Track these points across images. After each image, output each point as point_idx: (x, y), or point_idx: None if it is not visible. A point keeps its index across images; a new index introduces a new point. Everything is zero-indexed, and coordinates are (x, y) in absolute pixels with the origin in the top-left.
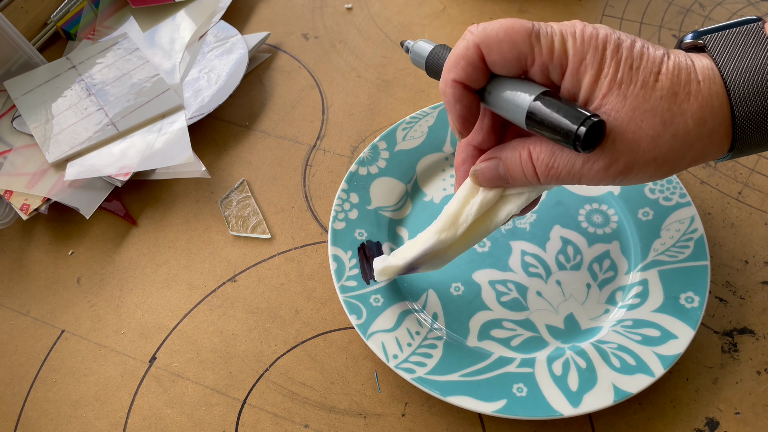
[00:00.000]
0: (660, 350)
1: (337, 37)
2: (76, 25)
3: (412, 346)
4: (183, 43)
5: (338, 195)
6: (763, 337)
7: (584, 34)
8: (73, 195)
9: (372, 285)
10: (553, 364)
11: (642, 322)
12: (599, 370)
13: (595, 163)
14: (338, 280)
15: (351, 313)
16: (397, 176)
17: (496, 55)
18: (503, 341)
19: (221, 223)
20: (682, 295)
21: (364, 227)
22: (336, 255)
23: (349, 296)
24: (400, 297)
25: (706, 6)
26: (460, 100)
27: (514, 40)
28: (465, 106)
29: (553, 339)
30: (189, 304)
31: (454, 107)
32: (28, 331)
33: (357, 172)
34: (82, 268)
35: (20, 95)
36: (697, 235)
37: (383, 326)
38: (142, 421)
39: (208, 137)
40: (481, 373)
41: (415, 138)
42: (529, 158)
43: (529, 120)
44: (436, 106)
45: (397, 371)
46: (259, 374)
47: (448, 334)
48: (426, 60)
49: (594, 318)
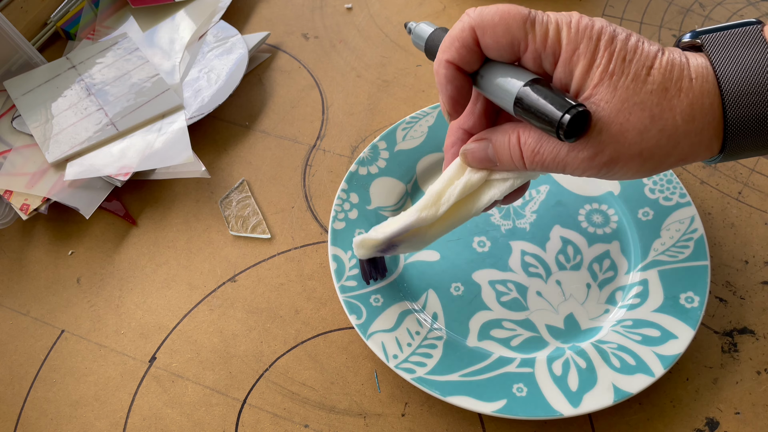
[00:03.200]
0: (660, 350)
1: (337, 37)
2: (75, 25)
3: (412, 346)
4: (183, 42)
5: (338, 195)
6: (763, 337)
7: (579, 25)
8: (73, 195)
9: (372, 285)
10: (553, 364)
11: (642, 322)
12: (599, 370)
13: (580, 152)
14: (338, 280)
15: (351, 313)
16: (397, 176)
17: (489, 38)
18: (503, 341)
19: (221, 223)
20: (682, 295)
21: (364, 227)
22: (336, 255)
23: (349, 296)
24: (400, 297)
25: (706, 6)
26: (452, 81)
27: (509, 25)
28: (456, 87)
29: (553, 339)
30: (189, 304)
31: (445, 87)
32: (28, 331)
33: (357, 172)
34: (81, 268)
35: (20, 95)
36: (697, 235)
37: (383, 326)
38: (142, 421)
39: (208, 137)
40: (481, 373)
41: (415, 138)
42: (517, 142)
43: (516, 106)
44: (436, 106)
45: (397, 371)
46: (259, 374)
47: (448, 334)
48: (425, 42)
49: (594, 318)
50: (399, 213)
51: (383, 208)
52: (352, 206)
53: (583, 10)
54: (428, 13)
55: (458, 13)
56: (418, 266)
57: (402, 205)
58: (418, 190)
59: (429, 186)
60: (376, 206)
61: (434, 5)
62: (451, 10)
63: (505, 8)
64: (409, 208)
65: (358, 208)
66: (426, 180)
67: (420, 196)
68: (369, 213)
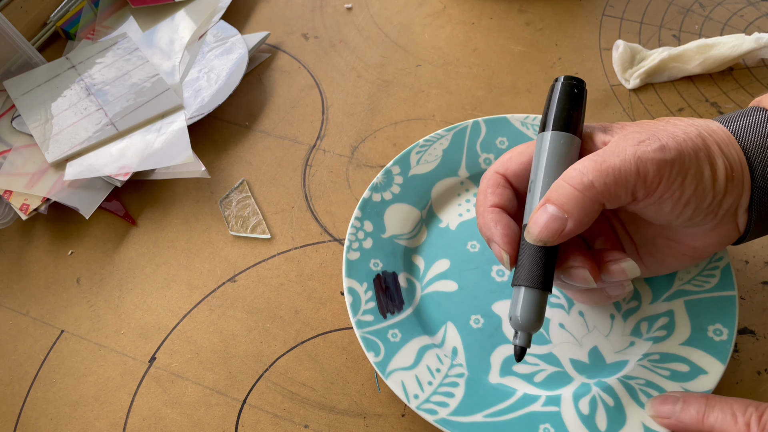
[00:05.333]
0: (690, 386)
1: (337, 37)
2: (75, 25)
3: (432, 385)
4: (183, 42)
5: (351, 223)
6: (763, 337)
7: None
8: (73, 195)
9: (389, 319)
10: (580, 401)
11: (670, 356)
12: (628, 408)
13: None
14: (354, 314)
15: (369, 350)
16: (412, 202)
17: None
18: (526, 377)
19: (221, 223)
20: (710, 327)
21: (379, 257)
22: (351, 288)
23: (366, 332)
24: (418, 331)
25: (707, 6)
26: (501, 221)
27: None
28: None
29: (577, 374)
30: (189, 304)
31: (495, 230)
32: (27, 331)
33: (371, 198)
34: (81, 268)
35: (20, 95)
36: (723, 264)
37: (402, 364)
38: (142, 421)
39: (208, 137)
40: (506, 413)
41: (430, 162)
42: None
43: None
44: (450, 128)
45: (419, 412)
46: (258, 374)
47: (469, 371)
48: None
49: (619, 351)
50: (414, 240)
51: (398, 236)
52: (367, 235)
53: (583, 10)
54: (428, 12)
55: (458, 12)
56: (436, 297)
57: (417, 233)
58: (433, 216)
59: (443, 212)
60: (391, 234)
61: (434, 5)
62: (451, 9)
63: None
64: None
65: (372, 236)
66: (441, 205)
67: (435, 223)
68: (384, 242)
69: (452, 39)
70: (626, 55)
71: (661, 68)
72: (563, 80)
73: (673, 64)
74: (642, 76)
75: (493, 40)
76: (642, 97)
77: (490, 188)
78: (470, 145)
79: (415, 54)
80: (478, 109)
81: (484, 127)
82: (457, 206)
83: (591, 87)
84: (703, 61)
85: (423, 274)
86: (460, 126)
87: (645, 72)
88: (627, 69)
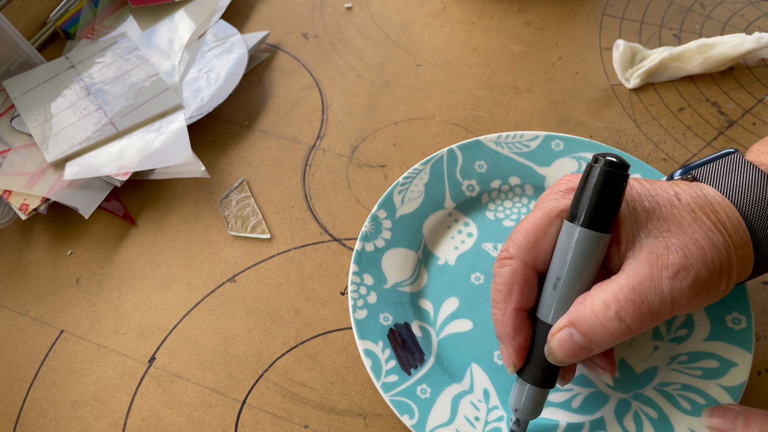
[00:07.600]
0: (724, 382)
1: (336, 37)
2: (75, 25)
3: None
4: (182, 42)
5: (350, 280)
6: (763, 337)
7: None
8: (72, 195)
9: (413, 375)
10: (624, 420)
11: (698, 355)
12: (672, 417)
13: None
14: (377, 378)
15: (402, 413)
16: (406, 244)
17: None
18: (564, 404)
19: (221, 223)
20: (727, 317)
21: (387, 310)
22: (368, 350)
23: (394, 394)
24: (445, 381)
25: (707, 5)
26: (522, 328)
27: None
28: (525, 335)
29: (612, 391)
30: (188, 304)
31: (515, 338)
32: (27, 331)
33: (364, 249)
34: (81, 268)
35: (19, 95)
36: None
37: (440, 420)
38: (142, 421)
39: (208, 137)
40: None
41: (414, 199)
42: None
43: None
44: (427, 161)
45: None
46: (258, 375)
47: (507, 412)
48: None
49: (646, 358)
50: (416, 284)
51: (401, 284)
52: (369, 289)
53: (584, 10)
54: (428, 12)
55: (458, 12)
56: (453, 340)
57: (417, 275)
58: (429, 254)
59: (438, 249)
60: (393, 283)
61: (434, 4)
62: (451, 9)
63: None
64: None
65: (375, 289)
66: (434, 242)
67: (433, 261)
68: (388, 293)
69: (452, 38)
70: (626, 55)
71: (661, 68)
72: (603, 165)
73: (673, 64)
74: (642, 76)
75: (493, 40)
76: (642, 96)
77: (518, 284)
78: (450, 174)
79: (415, 53)
80: (478, 108)
81: (459, 154)
82: (450, 239)
83: (591, 87)
84: (704, 61)
85: (434, 318)
86: (435, 157)
87: (645, 72)
88: (627, 68)
